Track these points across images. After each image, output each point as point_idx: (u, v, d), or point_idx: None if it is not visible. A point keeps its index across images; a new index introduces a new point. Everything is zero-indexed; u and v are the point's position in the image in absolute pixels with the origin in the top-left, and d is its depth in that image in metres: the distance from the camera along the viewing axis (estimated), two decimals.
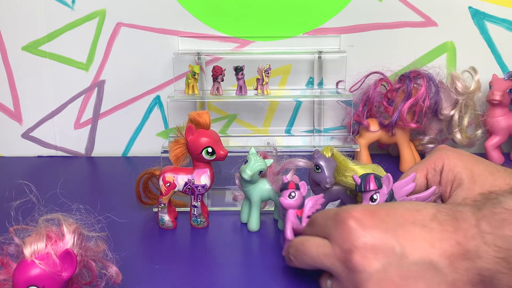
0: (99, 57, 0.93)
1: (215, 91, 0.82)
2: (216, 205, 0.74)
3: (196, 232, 0.67)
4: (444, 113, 0.87)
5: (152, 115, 0.96)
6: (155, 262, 0.59)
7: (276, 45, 0.91)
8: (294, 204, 0.57)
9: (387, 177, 0.57)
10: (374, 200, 0.57)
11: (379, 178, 0.57)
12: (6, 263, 0.45)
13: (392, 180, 0.58)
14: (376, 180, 0.57)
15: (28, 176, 0.89)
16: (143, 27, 0.91)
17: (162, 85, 0.94)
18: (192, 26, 0.91)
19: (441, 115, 0.87)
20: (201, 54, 0.89)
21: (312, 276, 0.56)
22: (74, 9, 0.91)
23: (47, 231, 0.44)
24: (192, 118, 0.64)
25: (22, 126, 0.97)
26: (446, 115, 0.87)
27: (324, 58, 0.90)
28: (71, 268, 0.43)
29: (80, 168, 0.93)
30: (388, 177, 0.57)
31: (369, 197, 0.57)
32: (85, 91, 0.95)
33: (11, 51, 0.93)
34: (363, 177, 0.57)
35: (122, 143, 0.98)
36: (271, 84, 0.83)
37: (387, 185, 0.57)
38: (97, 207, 0.51)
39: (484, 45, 0.91)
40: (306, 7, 0.90)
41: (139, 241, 0.65)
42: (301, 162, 0.65)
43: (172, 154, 0.65)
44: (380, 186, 0.57)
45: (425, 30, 0.91)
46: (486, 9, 0.89)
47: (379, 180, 0.57)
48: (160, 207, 0.67)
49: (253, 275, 0.57)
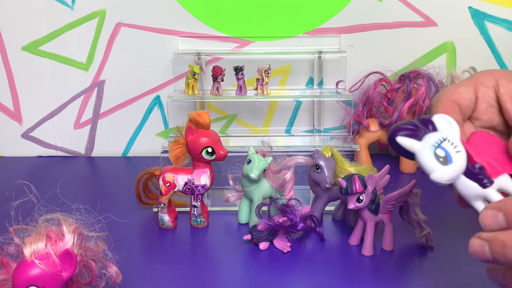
0: (99, 57, 0.93)
1: (215, 91, 0.82)
2: (216, 205, 0.74)
3: (196, 232, 0.67)
4: None
5: (152, 115, 0.96)
6: (155, 262, 0.59)
7: (276, 45, 0.91)
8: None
9: (370, 177, 0.59)
10: (361, 201, 0.59)
11: (363, 179, 0.59)
12: (6, 263, 0.45)
13: (375, 179, 0.59)
14: (360, 181, 0.58)
15: (28, 176, 0.89)
16: (143, 27, 0.91)
17: (162, 85, 0.94)
18: (192, 26, 0.91)
19: None
20: (201, 54, 0.89)
21: (312, 276, 0.56)
22: (74, 9, 0.91)
23: (47, 231, 0.44)
24: (192, 118, 0.64)
25: (22, 126, 0.97)
26: None
27: (324, 58, 0.90)
28: (71, 268, 0.43)
29: (80, 168, 0.93)
30: (371, 176, 0.59)
31: (356, 199, 0.58)
32: (85, 91, 0.95)
33: (11, 51, 0.93)
34: (347, 179, 0.58)
35: (122, 143, 0.98)
36: (271, 84, 0.83)
37: (371, 185, 0.59)
38: (97, 207, 0.51)
39: (484, 45, 0.91)
40: (306, 7, 0.90)
41: (139, 241, 0.65)
42: (301, 159, 0.65)
43: (172, 154, 0.65)
44: (365, 187, 0.58)
45: (425, 30, 0.91)
46: (486, 9, 0.89)
47: (363, 181, 0.58)
48: (160, 207, 0.67)
49: (253, 275, 0.57)
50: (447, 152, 0.38)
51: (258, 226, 0.61)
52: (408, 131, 0.39)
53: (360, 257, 0.60)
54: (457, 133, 0.39)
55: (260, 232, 0.61)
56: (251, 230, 0.62)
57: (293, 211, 0.61)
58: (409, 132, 0.38)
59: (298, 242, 0.63)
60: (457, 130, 0.39)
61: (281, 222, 0.60)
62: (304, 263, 0.59)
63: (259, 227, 0.61)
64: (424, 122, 0.40)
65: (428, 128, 0.39)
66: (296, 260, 0.59)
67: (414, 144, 0.39)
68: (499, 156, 0.40)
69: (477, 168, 0.38)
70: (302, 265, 0.58)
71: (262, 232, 0.61)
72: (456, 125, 0.39)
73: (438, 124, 0.39)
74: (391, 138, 0.39)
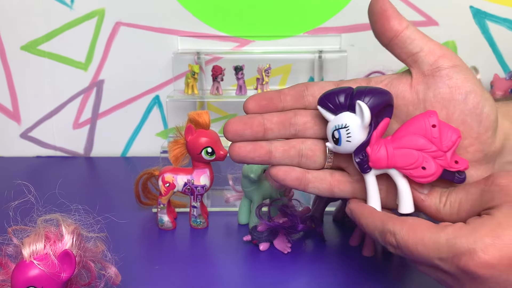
0: (98, 56, 0.92)
1: (215, 90, 0.82)
2: (216, 206, 0.74)
3: (195, 233, 0.67)
4: None
5: (151, 115, 0.96)
6: (154, 263, 0.58)
7: (276, 44, 0.91)
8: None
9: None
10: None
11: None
12: (5, 263, 0.44)
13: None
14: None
15: (27, 176, 0.89)
16: (142, 26, 0.91)
17: (161, 85, 0.94)
18: (191, 26, 0.90)
19: None
20: (200, 53, 0.89)
21: (313, 277, 0.56)
22: (73, 8, 0.90)
23: (45, 232, 0.43)
24: (192, 118, 0.64)
25: (20, 126, 0.97)
26: None
27: (324, 58, 0.90)
28: (70, 269, 0.43)
29: (79, 168, 0.93)
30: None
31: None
32: (84, 90, 0.94)
33: (10, 51, 0.92)
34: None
35: (121, 143, 0.97)
36: (271, 84, 0.83)
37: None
38: (96, 207, 0.51)
39: (485, 45, 0.91)
40: (306, 6, 0.90)
41: (138, 241, 0.65)
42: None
43: (171, 154, 0.65)
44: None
45: (426, 29, 0.91)
46: (487, 8, 0.89)
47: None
48: (160, 207, 0.66)
49: (253, 276, 0.56)
50: (340, 137, 0.45)
51: (258, 227, 0.61)
52: (328, 107, 0.46)
53: (360, 257, 0.60)
54: (362, 123, 0.44)
55: (260, 232, 0.61)
56: (251, 231, 0.62)
57: (293, 212, 0.60)
58: (329, 107, 0.46)
59: (299, 243, 0.63)
60: (365, 121, 0.44)
61: (281, 223, 0.60)
62: (305, 263, 0.59)
63: (259, 227, 0.61)
64: (350, 97, 0.45)
65: (347, 104, 0.45)
66: (297, 260, 0.59)
67: (327, 116, 0.47)
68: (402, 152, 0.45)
69: (363, 154, 0.45)
70: (303, 266, 0.58)
71: (262, 233, 0.61)
72: (367, 117, 0.43)
73: (356, 107, 0.44)
74: (319, 99, 0.47)
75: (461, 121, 0.44)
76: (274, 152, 0.49)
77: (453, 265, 0.37)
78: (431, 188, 0.45)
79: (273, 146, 0.49)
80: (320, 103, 0.47)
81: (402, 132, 0.45)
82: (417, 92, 0.46)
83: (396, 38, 0.46)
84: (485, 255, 0.35)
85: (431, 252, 0.38)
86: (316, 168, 0.50)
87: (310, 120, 0.50)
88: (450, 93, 0.44)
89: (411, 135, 0.44)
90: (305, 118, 0.50)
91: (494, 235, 0.36)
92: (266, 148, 0.49)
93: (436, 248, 0.38)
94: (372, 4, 0.47)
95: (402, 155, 0.44)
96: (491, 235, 0.36)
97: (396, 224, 0.41)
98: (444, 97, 0.44)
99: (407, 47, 0.46)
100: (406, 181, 0.45)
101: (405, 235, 0.40)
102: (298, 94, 0.51)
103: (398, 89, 0.47)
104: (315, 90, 0.50)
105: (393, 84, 0.47)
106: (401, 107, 0.47)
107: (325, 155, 0.50)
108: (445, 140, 0.43)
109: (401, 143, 0.45)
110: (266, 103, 0.50)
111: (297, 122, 0.50)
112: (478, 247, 0.36)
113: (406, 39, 0.46)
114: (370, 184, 0.47)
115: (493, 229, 0.36)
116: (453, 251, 0.37)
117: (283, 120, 0.49)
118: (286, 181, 0.50)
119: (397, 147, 0.45)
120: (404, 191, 0.45)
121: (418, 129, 0.44)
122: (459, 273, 0.37)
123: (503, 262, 0.35)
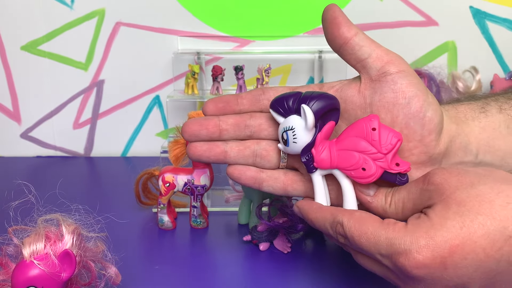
0: (98, 56, 0.92)
1: (215, 90, 0.82)
2: (216, 206, 0.74)
3: (195, 233, 0.67)
4: None
5: (151, 115, 0.96)
6: (154, 263, 0.58)
7: (276, 44, 0.91)
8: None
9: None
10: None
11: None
12: (5, 263, 0.45)
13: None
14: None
15: (27, 176, 0.89)
16: (143, 26, 0.91)
17: (161, 85, 0.94)
18: (191, 26, 0.90)
19: None
20: (200, 53, 0.89)
21: (313, 277, 0.56)
22: (73, 8, 0.90)
23: (46, 232, 0.43)
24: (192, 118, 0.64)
25: (21, 126, 0.97)
26: None
27: (324, 58, 0.90)
28: (70, 269, 0.43)
29: (79, 168, 0.93)
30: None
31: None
32: (84, 90, 0.94)
33: (10, 51, 0.92)
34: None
35: (121, 143, 0.97)
36: (271, 84, 0.83)
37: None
38: (96, 207, 0.51)
39: (485, 45, 0.91)
40: (306, 6, 0.90)
41: (138, 241, 0.65)
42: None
43: (171, 154, 0.65)
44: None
45: (426, 29, 0.91)
46: (487, 8, 0.89)
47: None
48: (160, 207, 0.67)
49: (253, 276, 0.56)
50: (288, 138, 0.48)
51: (258, 227, 0.61)
52: (278, 111, 0.49)
53: None
54: (306, 125, 0.47)
55: (260, 232, 0.61)
56: (251, 231, 0.62)
57: (293, 212, 0.60)
58: (279, 111, 0.49)
59: (299, 243, 0.63)
60: (309, 123, 0.46)
61: (281, 223, 0.60)
62: (305, 263, 0.59)
63: (259, 227, 0.61)
64: (297, 100, 0.48)
65: (294, 108, 0.48)
66: (297, 260, 0.59)
67: (278, 119, 0.49)
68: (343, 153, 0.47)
69: (308, 155, 0.48)
70: (303, 266, 0.58)
71: (262, 233, 0.61)
72: (311, 119, 0.46)
73: (301, 111, 0.47)
74: (271, 103, 0.50)
75: (405, 124, 0.46)
76: (229, 152, 0.51)
77: (391, 263, 0.39)
78: (377, 190, 0.47)
79: (229, 146, 0.51)
80: (271, 106, 0.49)
81: (345, 134, 0.47)
82: (364, 96, 0.48)
83: (346, 44, 0.48)
84: (419, 256, 0.37)
85: (372, 247, 0.40)
86: (271, 168, 0.52)
87: (265, 122, 0.52)
88: (394, 97, 0.46)
89: (353, 138, 0.46)
90: (260, 120, 0.52)
91: (427, 236, 0.37)
92: (221, 148, 0.51)
93: (377, 244, 0.40)
94: (324, 12, 0.50)
95: (344, 156, 0.46)
96: (425, 236, 0.37)
97: (345, 215, 0.43)
98: (389, 101, 0.46)
99: (355, 53, 0.48)
100: (349, 181, 0.47)
101: (352, 226, 0.42)
102: (254, 98, 0.53)
103: (348, 94, 0.49)
104: (271, 94, 0.52)
105: (343, 90, 0.49)
106: (350, 111, 0.49)
107: (279, 156, 0.52)
108: (384, 143, 0.44)
109: (343, 145, 0.46)
110: (223, 105, 0.52)
111: (252, 124, 0.52)
112: (414, 248, 0.37)
113: (355, 45, 0.48)
114: (317, 183, 0.49)
115: (427, 230, 0.38)
116: (391, 250, 0.39)
117: (239, 122, 0.52)
118: (241, 180, 0.52)
119: (340, 149, 0.47)
120: (347, 191, 0.47)
121: (359, 132, 0.46)
122: (397, 271, 0.39)
123: (436, 262, 0.37)
